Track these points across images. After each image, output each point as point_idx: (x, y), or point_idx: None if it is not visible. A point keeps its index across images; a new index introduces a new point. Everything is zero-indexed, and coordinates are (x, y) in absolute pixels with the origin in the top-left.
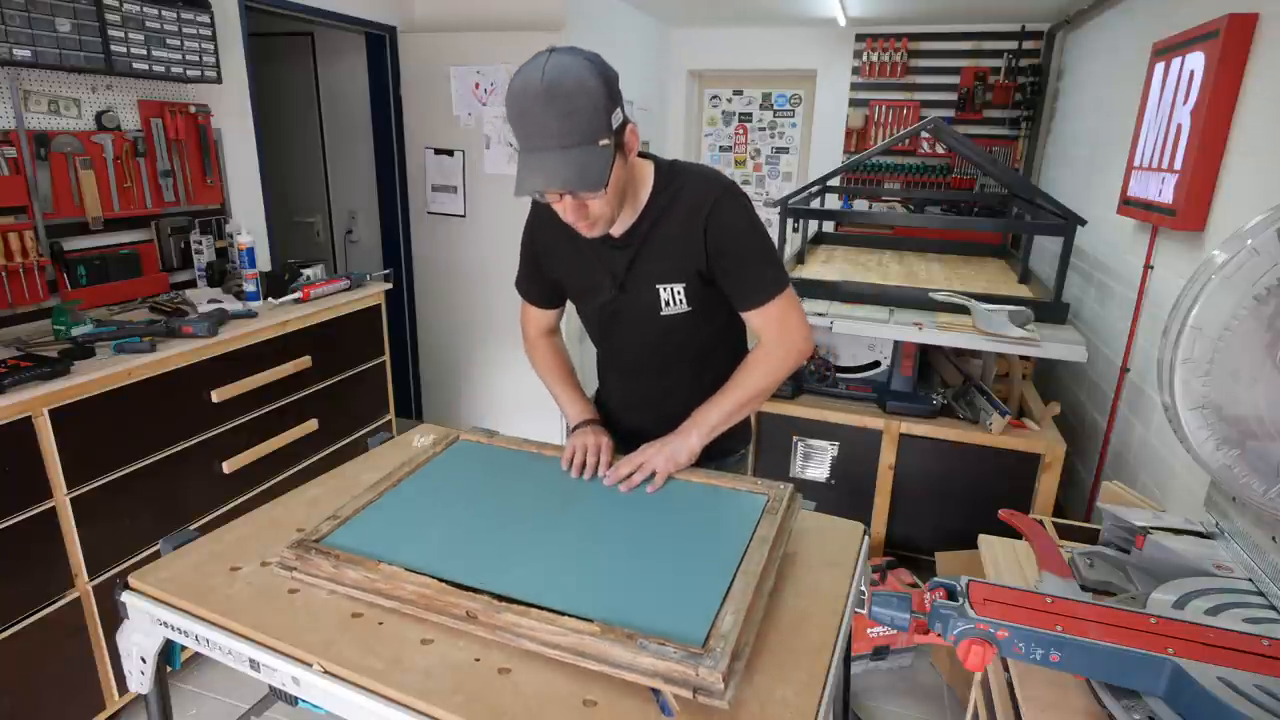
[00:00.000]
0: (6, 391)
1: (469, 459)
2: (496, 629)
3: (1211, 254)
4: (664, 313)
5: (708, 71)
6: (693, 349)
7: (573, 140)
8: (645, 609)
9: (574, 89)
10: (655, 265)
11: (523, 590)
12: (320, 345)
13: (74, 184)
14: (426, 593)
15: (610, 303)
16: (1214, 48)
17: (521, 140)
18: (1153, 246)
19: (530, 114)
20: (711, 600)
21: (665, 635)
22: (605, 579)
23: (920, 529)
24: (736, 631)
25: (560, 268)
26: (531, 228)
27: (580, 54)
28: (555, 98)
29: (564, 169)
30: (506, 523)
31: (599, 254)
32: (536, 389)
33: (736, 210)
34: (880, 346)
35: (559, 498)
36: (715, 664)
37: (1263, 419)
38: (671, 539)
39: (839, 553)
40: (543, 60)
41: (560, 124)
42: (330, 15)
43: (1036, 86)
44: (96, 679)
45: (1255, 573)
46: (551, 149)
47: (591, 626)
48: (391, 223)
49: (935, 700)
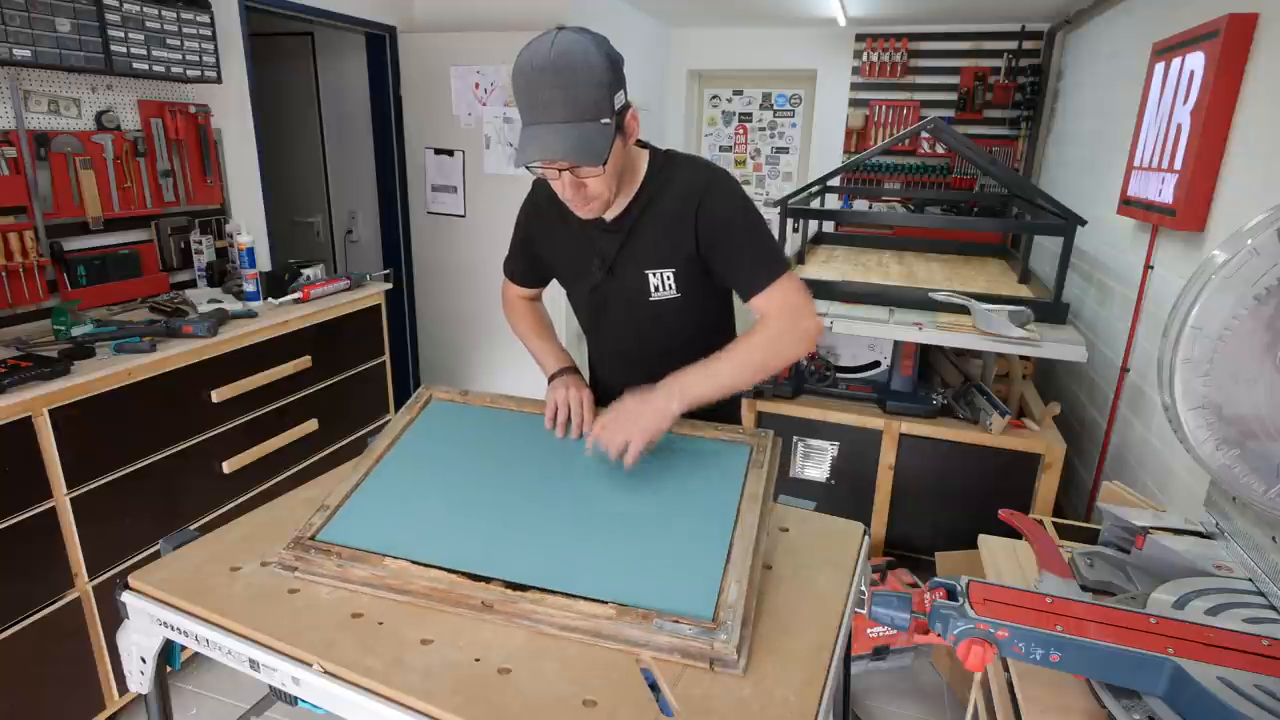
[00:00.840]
0: (6, 391)
1: (447, 423)
2: (514, 617)
3: (1211, 254)
4: (653, 298)
5: (708, 71)
6: (682, 338)
7: (575, 115)
8: (651, 583)
9: (579, 64)
10: (645, 251)
11: (531, 575)
12: (320, 345)
13: (74, 184)
14: (440, 587)
15: (599, 287)
16: (1214, 48)
17: (525, 112)
18: (1153, 246)
19: (536, 86)
20: (714, 568)
21: (674, 609)
22: (607, 555)
23: (920, 529)
24: (742, 600)
25: (552, 251)
26: (528, 207)
27: (588, 33)
28: (560, 70)
29: (565, 141)
30: (497, 497)
31: (591, 238)
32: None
33: (728, 195)
34: (880, 346)
35: (545, 463)
36: (729, 637)
37: (1263, 419)
38: (663, 503)
39: (839, 553)
40: (551, 36)
41: (564, 96)
42: (330, 15)
43: (1036, 86)
44: (96, 679)
45: (1255, 573)
46: (554, 122)
47: (607, 609)
48: (391, 223)
49: (935, 700)
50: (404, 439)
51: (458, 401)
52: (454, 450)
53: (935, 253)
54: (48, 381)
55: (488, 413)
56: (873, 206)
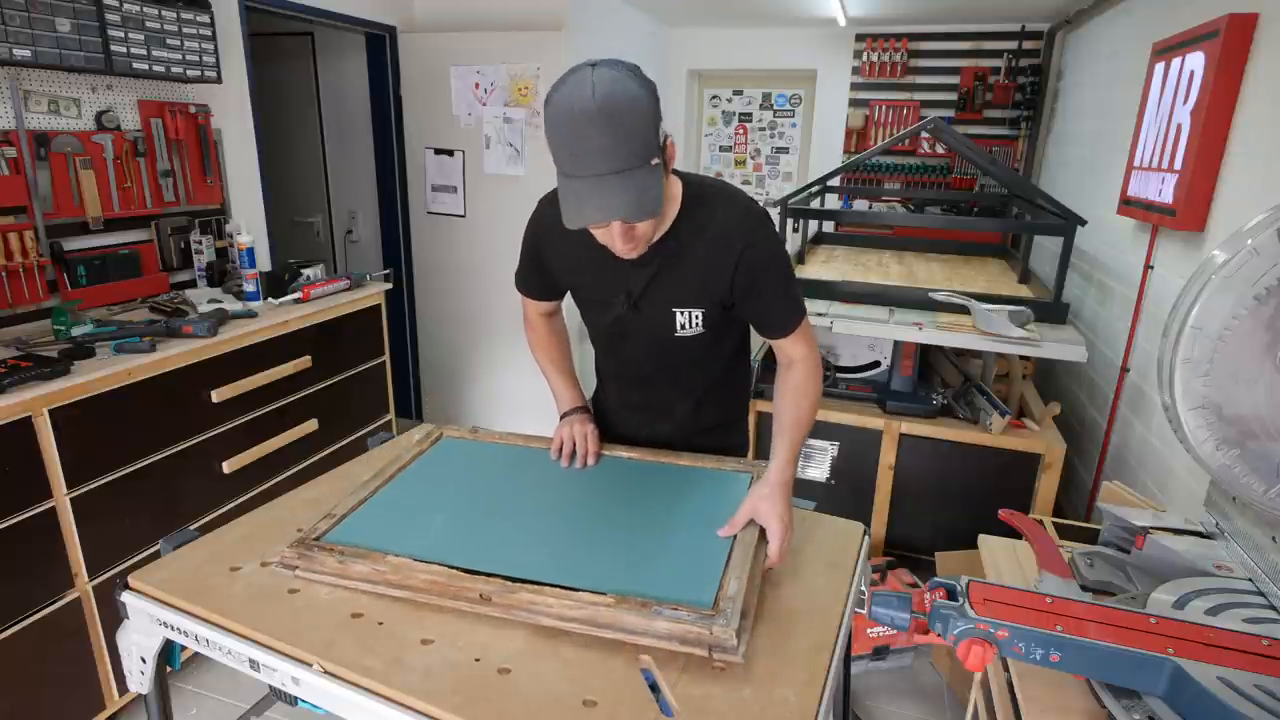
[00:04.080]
0: (6, 391)
1: (456, 454)
2: (512, 608)
3: (1211, 254)
4: (678, 334)
5: (708, 71)
6: (701, 366)
7: (628, 163)
8: (652, 583)
9: (627, 107)
10: (675, 288)
11: (532, 572)
12: (320, 345)
13: (74, 184)
14: (439, 580)
15: (622, 319)
16: (1214, 48)
17: (570, 165)
18: (1153, 246)
19: (584, 137)
20: (714, 571)
21: (674, 600)
22: (610, 559)
23: (920, 529)
24: (742, 594)
25: (571, 277)
26: (536, 231)
27: (622, 65)
28: (611, 116)
29: (621, 197)
30: (504, 511)
31: (616, 267)
32: (537, 389)
33: (771, 240)
34: (880, 346)
35: (551, 485)
36: (728, 622)
37: (1263, 419)
38: (667, 518)
39: (839, 553)
40: (588, 76)
41: (615, 144)
42: (330, 15)
43: (1036, 86)
44: (96, 679)
45: (1255, 573)
46: (605, 173)
47: (606, 598)
48: (391, 223)
49: (935, 700)
50: (413, 466)
51: (468, 438)
52: (461, 472)
53: (935, 253)
54: (48, 381)
55: (497, 447)
56: (873, 206)
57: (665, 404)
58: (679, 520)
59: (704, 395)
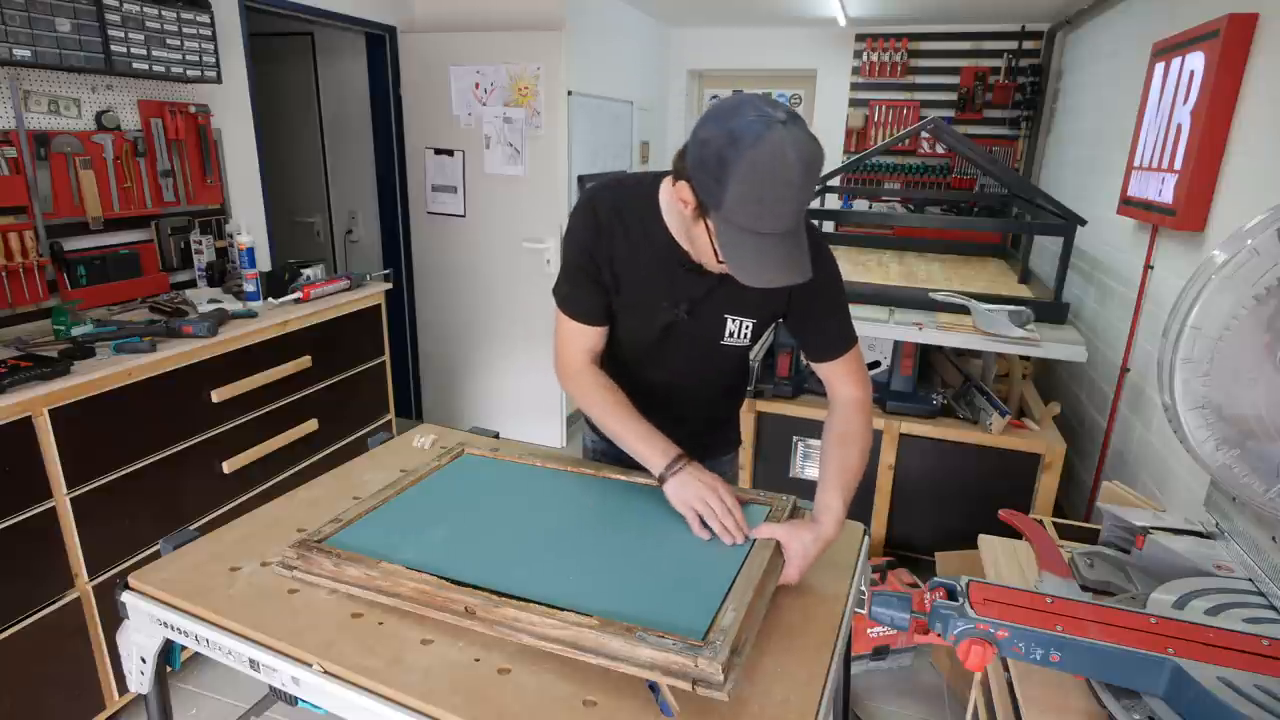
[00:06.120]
0: (6, 391)
1: (474, 471)
2: (495, 624)
3: (1211, 254)
4: (724, 342)
5: (708, 71)
6: (724, 378)
7: (799, 219)
8: (647, 608)
9: (819, 164)
10: (734, 298)
11: (523, 588)
12: (320, 345)
13: (74, 184)
14: (426, 589)
15: (673, 325)
16: (1214, 48)
17: (763, 223)
18: (1153, 246)
19: (783, 199)
20: (712, 599)
21: (666, 630)
22: (608, 581)
23: (920, 529)
24: (736, 627)
25: (632, 273)
26: (595, 228)
27: (798, 118)
28: (812, 175)
29: (800, 258)
30: (509, 528)
31: (672, 274)
32: (537, 389)
33: (829, 260)
34: (880, 346)
35: (564, 509)
36: (715, 655)
37: (1263, 419)
38: (674, 546)
39: (839, 553)
40: (780, 134)
41: (803, 205)
42: (330, 15)
43: (1036, 86)
44: (96, 679)
45: (1255, 573)
46: (791, 229)
47: (590, 620)
48: (391, 223)
49: (935, 700)
50: (429, 479)
51: (489, 456)
52: (475, 488)
53: (935, 253)
54: (48, 381)
55: (517, 467)
56: (873, 206)
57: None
58: (687, 549)
59: (719, 396)
